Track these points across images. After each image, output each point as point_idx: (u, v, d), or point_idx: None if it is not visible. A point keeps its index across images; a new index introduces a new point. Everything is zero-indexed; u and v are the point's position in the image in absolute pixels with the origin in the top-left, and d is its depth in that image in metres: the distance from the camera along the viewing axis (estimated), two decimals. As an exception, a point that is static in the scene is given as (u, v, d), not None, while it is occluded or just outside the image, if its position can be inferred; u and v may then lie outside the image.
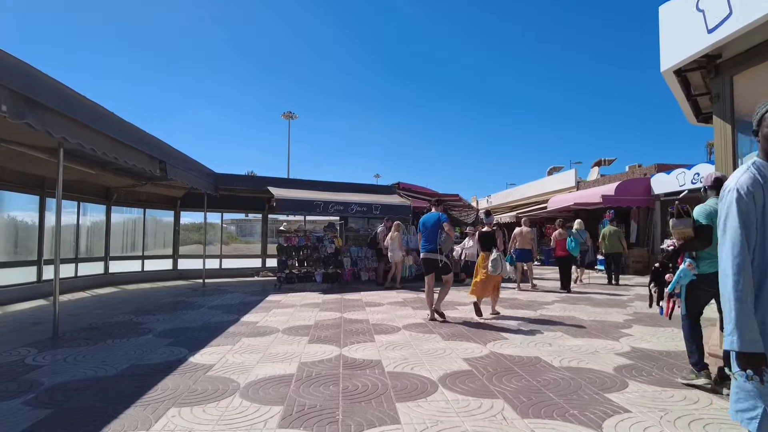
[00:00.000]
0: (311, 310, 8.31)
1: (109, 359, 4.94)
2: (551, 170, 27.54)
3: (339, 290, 11.30)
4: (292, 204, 12.26)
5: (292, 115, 44.86)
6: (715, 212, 3.43)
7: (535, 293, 10.70)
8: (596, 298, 9.75)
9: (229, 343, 5.69)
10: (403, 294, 10.56)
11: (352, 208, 12.95)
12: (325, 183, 14.29)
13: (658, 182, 16.34)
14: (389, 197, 14.29)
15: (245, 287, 12.23)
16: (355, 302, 9.26)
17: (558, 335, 6.09)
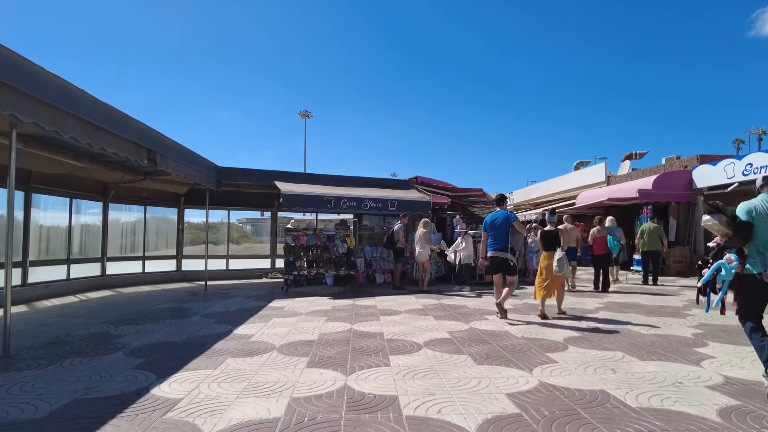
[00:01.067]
0: (317, 319, 7.21)
1: (50, 391, 3.89)
2: (578, 165, 26.06)
3: (351, 295, 10.18)
4: (301, 200, 11.19)
5: (308, 114, 44.58)
6: (756, 209, 3.57)
7: (573, 297, 9.43)
8: (645, 305, 8.45)
9: (210, 366, 4.61)
10: (423, 300, 9.40)
11: (366, 205, 11.82)
12: (337, 177, 13.19)
13: (701, 175, 14.86)
14: (407, 192, 13.14)
15: (250, 290, 11.21)
16: (369, 310, 8.13)
17: (619, 356, 4.87)
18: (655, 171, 17.04)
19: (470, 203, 17.47)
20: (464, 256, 10.93)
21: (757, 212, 3.65)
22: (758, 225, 3.62)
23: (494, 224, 7.28)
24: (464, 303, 8.86)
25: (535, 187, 29.58)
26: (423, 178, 14.11)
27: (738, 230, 3.70)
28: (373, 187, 13.30)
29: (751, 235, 3.64)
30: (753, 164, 12.93)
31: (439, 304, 8.69)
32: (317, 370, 4.47)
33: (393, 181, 13.84)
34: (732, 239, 3.79)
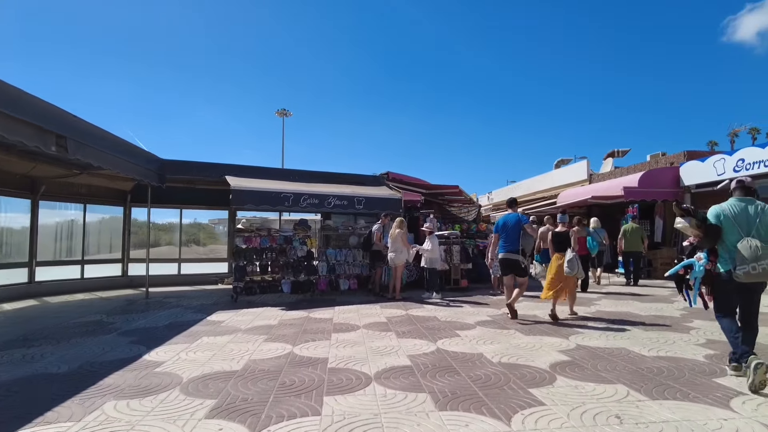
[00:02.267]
0: (254, 339, 5.97)
1: None
2: (559, 163, 25.22)
3: (308, 305, 8.96)
4: (253, 196, 9.90)
5: (286, 113, 43.63)
6: (724, 212, 3.98)
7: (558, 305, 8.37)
8: (638, 314, 7.43)
9: (73, 417, 3.35)
10: (389, 310, 8.22)
11: (329, 202, 10.61)
12: (298, 172, 11.95)
13: (689, 172, 14.02)
14: (376, 189, 11.96)
15: (197, 299, 9.91)
16: (322, 324, 6.92)
17: (622, 392, 3.76)
18: (640, 168, 16.20)
19: (446, 202, 16.38)
20: (428, 259, 9.76)
21: (725, 216, 3.98)
22: (726, 228, 3.95)
23: (506, 226, 7.32)
24: (435, 314, 7.72)
25: (515, 186, 28.76)
26: (395, 174, 12.96)
27: (707, 232, 4.03)
28: (339, 183, 12.09)
29: (719, 237, 3.98)
30: (745, 160, 12.11)
31: (406, 316, 7.53)
32: (217, 423, 3.24)
33: (361, 177, 12.64)
34: (702, 240, 4.16)
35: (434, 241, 9.83)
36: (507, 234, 7.31)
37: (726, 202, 4.12)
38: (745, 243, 3.78)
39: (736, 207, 4.03)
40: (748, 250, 3.74)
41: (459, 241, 11.40)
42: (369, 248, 10.36)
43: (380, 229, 10.13)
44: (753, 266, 3.70)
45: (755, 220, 3.90)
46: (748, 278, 3.76)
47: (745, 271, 3.73)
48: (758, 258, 3.70)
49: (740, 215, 3.96)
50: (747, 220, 3.93)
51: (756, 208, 3.97)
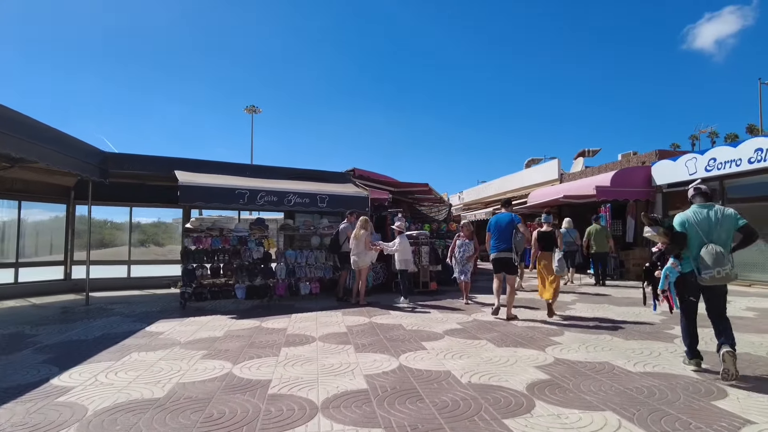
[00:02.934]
0: (191, 355, 5.20)
1: None
2: (529, 162, 25.00)
3: (263, 312, 8.20)
4: (203, 193, 9.06)
5: (256, 110, 42.66)
6: (688, 220, 4.24)
7: (529, 312, 7.85)
8: (616, 320, 6.97)
9: None
10: (351, 317, 7.55)
11: (289, 200, 9.85)
12: (255, 167, 11.17)
13: (660, 171, 13.83)
14: (341, 186, 11.26)
15: (141, 305, 9.01)
16: (273, 336, 6.19)
17: (613, 424, 3.19)
18: (611, 167, 15.98)
19: (416, 200, 15.82)
20: (398, 260, 9.11)
21: (689, 223, 4.23)
22: (690, 234, 4.20)
23: (499, 225, 7.47)
24: (400, 321, 7.08)
25: (486, 185, 28.51)
26: (361, 170, 12.28)
27: (674, 239, 4.28)
28: (301, 179, 11.36)
29: (685, 243, 4.23)
30: (717, 159, 11.94)
31: (369, 325, 6.86)
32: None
33: (325, 174, 11.91)
34: (669, 246, 4.37)
35: (405, 241, 9.18)
36: (499, 233, 7.43)
37: (689, 209, 4.39)
38: (707, 249, 4.04)
39: (698, 214, 4.25)
40: (711, 256, 4.00)
41: (428, 241, 10.81)
42: (337, 249, 9.65)
43: (350, 228, 9.46)
44: (718, 270, 3.98)
45: (716, 226, 4.15)
46: (712, 281, 4.05)
47: (710, 275, 4.00)
48: (721, 263, 3.98)
49: (702, 222, 4.19)
50: (708, 226, 4.17)
51: (716, 214, 4.21)
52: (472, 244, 8.99)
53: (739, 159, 11.25)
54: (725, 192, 12.07)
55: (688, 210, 4.39)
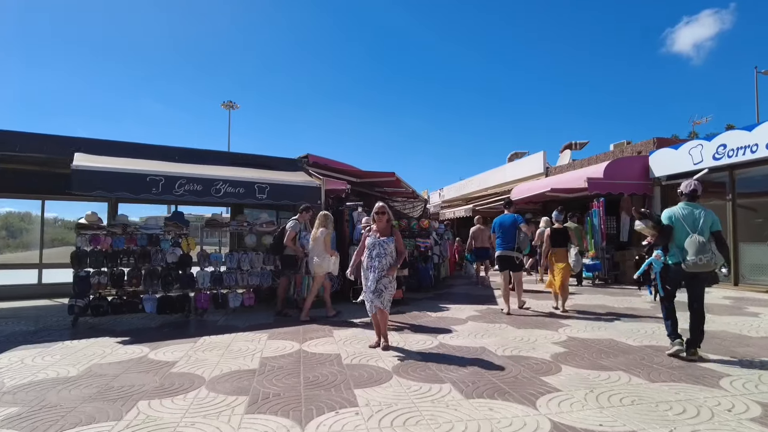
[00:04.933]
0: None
1: None
2: (512, 156, 23.34)
3: (167, 333, 6.31)
4: (103, 179, 7.08)
5: (233, 105, 40.62)
6: (675, 215, 4.68)
7: (519, 329, 6.10)
8: (624, 345, 5.24)
9: None
10: (278, 342, 5.70)
11: (217, 189, 7.91)
12: (183, 151, 9.20)
13: (659, 161, 12.24)
14: (289, 174, 9.36)
15: (26, 320, 7.11)
16: (148, 375, 4.30)
17: None
18: (602, 159, 14.37)
19: (386, 194, 14.00)
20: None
21: (675, 218, 4.69)
22: (677, 228, 4.65)
23: (503, 225, 7.75)
24: (340, 350, 5.22)
25: (466, 181, 26.83)
26: (316, 157, 10.39)
27: (662, 232, 4.77)
28: (243, 165, 9.44)
29: (671, 236, 4.69)
30: (727, 145, 10.34)
31: (295, 356, 5.00)
32: None
33: (272, 160, 10.02)
34: (658, 239, 4.89)
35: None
36: (503, 233, 7.72)
37: (676, 206, 4.82)
38: (691, 239, 4.48)
39: (684, 210, 4.69)
40: (694, 245, 4.43)
41: (392, 241, 8.96)
42: (280, 251, 7.78)
43: (297, 226, 7.60)
44: (700, 258, 4.39)
45: (699, 221, 4.56)
46: (695, 268, 4.43)
47: (693, 261, 4.41)
48: (703, 251, 4.40)
49: (688, 217, 4.62)
50: (693, 220, 4.59)
51: (699, 212, 4.63)
52: (392, 244, 5.25)
53: (755, 144, 9.66)
54: (735, 184, 10.49)
55: (676, 206, 4.83)
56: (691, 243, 4.44)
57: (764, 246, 9.75)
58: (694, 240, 4.44)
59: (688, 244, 4.45)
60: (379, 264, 5.14)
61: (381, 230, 5.28)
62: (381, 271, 5.12)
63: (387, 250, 5.19)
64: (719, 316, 6.97)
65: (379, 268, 5.13)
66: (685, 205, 4.76)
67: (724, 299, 8.68)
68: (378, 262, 5.15)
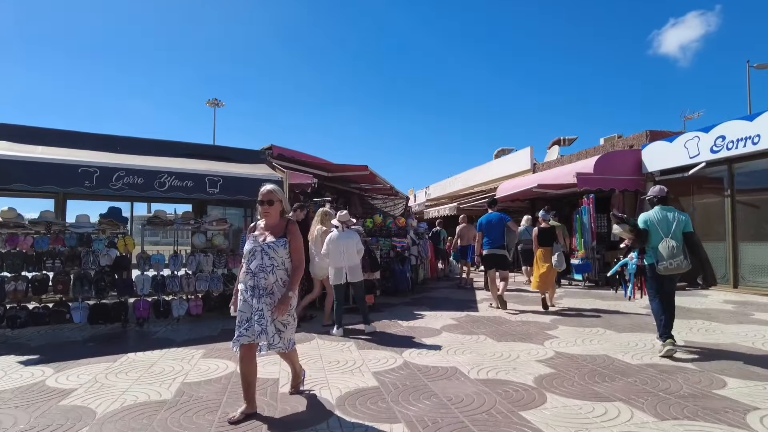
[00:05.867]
0: None
1: None
2: (499, 153, 22.53)
3: (97, 348, 5.39)
4: (24, 171, 6.10)
5: (219, 103, 39.57)
6: (650, 219, 4.88)
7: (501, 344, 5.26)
8: (621, 365, 4.42)
9: None
10: (213, 361, 4.80)
11: (162, 183, 6.96)
12: (127, 140, 8.22)
13: (653, 155, 11.49)
14: (249, 167, 8.44)
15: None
16: (48, 403, 3.39)
17: None
18: (592, 154, 13.60)
19: (363, 191, 13.12)
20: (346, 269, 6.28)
21: (651, 222, 4.88)
22: (652, 231, 4.86)
23: (490, 224, 7.82)
24: (279, 373, 4.33)
25: (453, 179, 26.08)
26: (281, 148, 9.47)
27: (638, 236, 4.98)
28: (198, 157, 8.49)
29: (647, 239, 4.89)
30: (726, 137, 9.59)
31: (226, 379, 4.11)
32: None
33: (230, 151, 9.08)
34: (634, 242, 5.17)
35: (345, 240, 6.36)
36: (492, 232, 7.79)
37: (651, 210, 5.05)
38: (664, 243, 4.72)
39: (659, 214, 4.92)
40: (666, 250, 4.67)
41: (362, 240, 8.07)
42: None
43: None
44: (670, 262, 4.62)
45: (673, 224, 4.80)
46: (666, 271, 4.67)
47: (664, 266, 4.66)
48: (673, 255, 4.63)
49: (662, 221, 4.85)
50: (667, 224, 4.82)
51: (673, 215, 4.88)
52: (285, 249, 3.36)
53: (757, 135, 8.92)
54: (734, 179, 9.76)
55: (651, 211, 5.03)
56: (663, 248, 4.70)
57: (766, 245, 9.01)
58: (665, 245, 4.70)
59: (662, 248, 4.70)
60: (265, 282, 3.23)
61: (271, 228, 3.42)
62: (270, 296, 3.24)
63: (276, 261, 3.28)
64: (725, 324, 6.18)
65: (265, 290, 3.24)
66: (660, 209, 4.99)
67: (725, 304, 7.92)
68: (263, 280, 3.23)
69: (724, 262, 9.86)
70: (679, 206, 11.21)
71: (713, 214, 10.30)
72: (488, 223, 7.85)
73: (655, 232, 4.81)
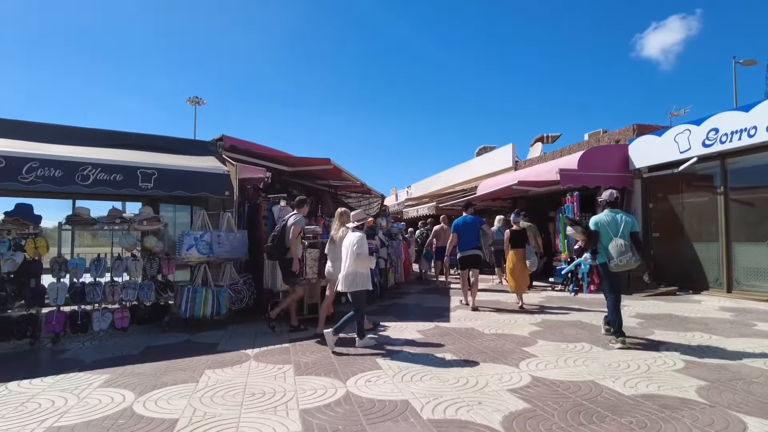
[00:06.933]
0: None
1: None
2: (480, 151, 21.77)
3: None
4: None
5: (199, 101, 38.53)
6: (600, 221, 5.26)
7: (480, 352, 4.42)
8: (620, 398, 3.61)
9: None
10: (107, 393, 3.87)
11: (85, 176, 5.99)
12: (39, 126, 7.25)
13: (640, 150, 10.78)
14: (195, 159, 7.50)
15: None
16: None
17: None
18: (576, 150, 12.87)
19: (333, 188, 12.22)
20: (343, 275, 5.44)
21: (601, 224, 5.26)
22: (602, 232, 5.24)
23: (465, 226, 8.02)
24: (184, 413, 3.44)
25: (434, 178, 25.35)
26: (234, 139, 8.52)
27: (590, 237, 5.36)
28: (137, 148, 7.52)
29: (598, 240, 5.26)
30: (719, 129, 8.90)
31: (112, 419, 3.20)
32: None
33: (176, 142, 8.12)
34: (587, 243, 5.52)
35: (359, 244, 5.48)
36: (466, 233, 7.94)
37: (601, 213, 5.43)
38: (613, 243, 5.07)
39: (608, 216, 5.29)
40: (616, 249, 5.03)
41: (318, 242, 7.17)
42: (282, 254, 6.15)
43: (303, 222, 6.24)
44: (620, 259, 4.99)
45: (621, 225, 5.16)
46: (618, 268, 5.07)
47: (615, 263, 5.03)
48: (623, 253, 4.98)
49: (611, 223, 5.22)
50: (616, 225, 5.18)
51: (621, 217, 5.23)
52: None
53: (753, 127, 8.22)
54: (727, 175, 9.06)
55: (601, 213, 5.43)
56: (613, 246, 5.05)
57: (763, 246, 8.31)
58: (614, 244, 5.05)
59: (612, 247, 5.05)
60: None
61: None
62: None
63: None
64: (727, 338, 5.41)
65: None
66: (608, 212, 5.35)
67: (721, 311, 7.18)
68: None
69: (716, 264, 9.16)
70: (669, 205, 10.55)
71: (705, 213, 9.60)
72: (463, 225, 8.06)
73: (606, 233, 5.21)
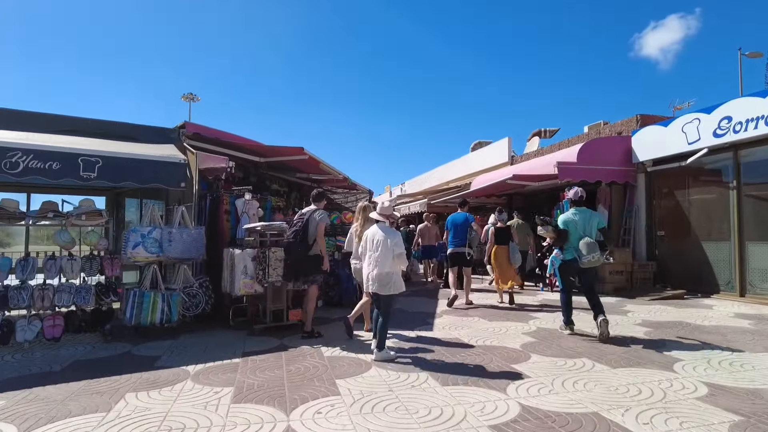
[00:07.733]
0: None
1: None
2: (476, 146, 21.01)
3: None
4: None
5: (194, 98, 37.59)
6: (569, 220, 5.46)
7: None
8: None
9: None
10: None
11: (14, 163, 5.21)
12: None
13: (645, 142, 10.03)
14: (151, 147, 6.69)
15: None
16: None
17: None
18: (575, 142, 12.10)
19: (315, 182, 11.42)
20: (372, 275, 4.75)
21: (570, 222, 5.46)
22: (571, 230, 5.44)
23: (455, 224, 8.14)
24: None
25: (428, 174, 24.67)
26: (198, 126, 7.71)
27: (559, 235, 5.53)
28: (88, 135, 6.72)
29: (567, 238, 5.45)
30: (732, 118, 8.13)
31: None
32: None
33: (132, 128, 7.31)
34: (556, 240, 5.65)
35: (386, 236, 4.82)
36: (456, 231, 8.12)
37: (569, 211, 5.65)
38: (583, 241, 5.27)
39: (576, 215, 5.50)
40: (585, 246, 5.22)
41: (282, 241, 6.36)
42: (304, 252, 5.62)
43: (326, 219, 5.75)
44: (592, 256, 5.18)
45: (588, 223, 5.42)
46: (589, 264, 5.27)
47: (587, 260, 5.21)
48: (593, 251, 5.19)
49: (579, 221, 5.43)
50: (583, 223, 5.42)
51: (588, 215, 5.50)
52: None
53: (772, 114, 7.47)
54: (740, 168, 8.30)
55: (568, 212, 5.62)
56: (583, 244, 5.24)
57: (781, 246, 7.57)
58: (584, 242, 5.24)
59: (581, 245, 5.25)
60: None
61: None
62: None
63: None
64: (753, 353, 4.64)
65: None
66: (576, 210, 5.55)
67: (738, 319, 6.43)
68: None
69: (728, 265, 8.41)
70: (675, 201, 9.79)
71: (715, 209, 8.85)
72: (453, 223, 8.22)
73: (574, 231, 5.42)
